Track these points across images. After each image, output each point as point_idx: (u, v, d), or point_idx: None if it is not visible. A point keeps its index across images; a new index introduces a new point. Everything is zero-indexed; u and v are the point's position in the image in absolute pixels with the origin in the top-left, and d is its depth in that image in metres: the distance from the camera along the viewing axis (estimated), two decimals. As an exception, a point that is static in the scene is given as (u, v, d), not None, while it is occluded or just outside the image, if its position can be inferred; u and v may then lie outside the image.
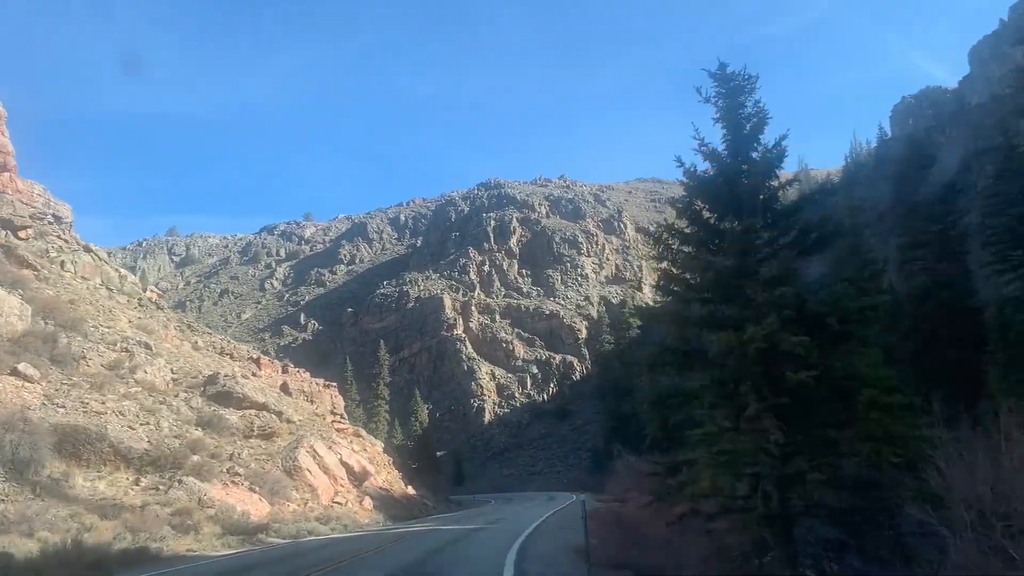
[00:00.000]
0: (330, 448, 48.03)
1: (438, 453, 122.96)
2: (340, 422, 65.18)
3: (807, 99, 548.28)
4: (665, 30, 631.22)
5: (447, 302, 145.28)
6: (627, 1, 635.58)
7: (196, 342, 65.01)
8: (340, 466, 46.95)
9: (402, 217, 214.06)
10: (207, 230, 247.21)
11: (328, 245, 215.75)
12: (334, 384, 79.67)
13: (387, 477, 56.83)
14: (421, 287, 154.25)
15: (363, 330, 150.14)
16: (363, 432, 68.77)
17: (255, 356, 73.06)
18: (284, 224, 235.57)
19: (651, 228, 23.42)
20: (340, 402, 74.98)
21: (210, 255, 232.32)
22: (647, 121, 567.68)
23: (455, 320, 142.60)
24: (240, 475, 36.27)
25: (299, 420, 51.69)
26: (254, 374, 59.87)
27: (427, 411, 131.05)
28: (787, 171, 14.95)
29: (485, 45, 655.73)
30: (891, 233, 49.19)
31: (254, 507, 33.40)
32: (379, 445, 70.41)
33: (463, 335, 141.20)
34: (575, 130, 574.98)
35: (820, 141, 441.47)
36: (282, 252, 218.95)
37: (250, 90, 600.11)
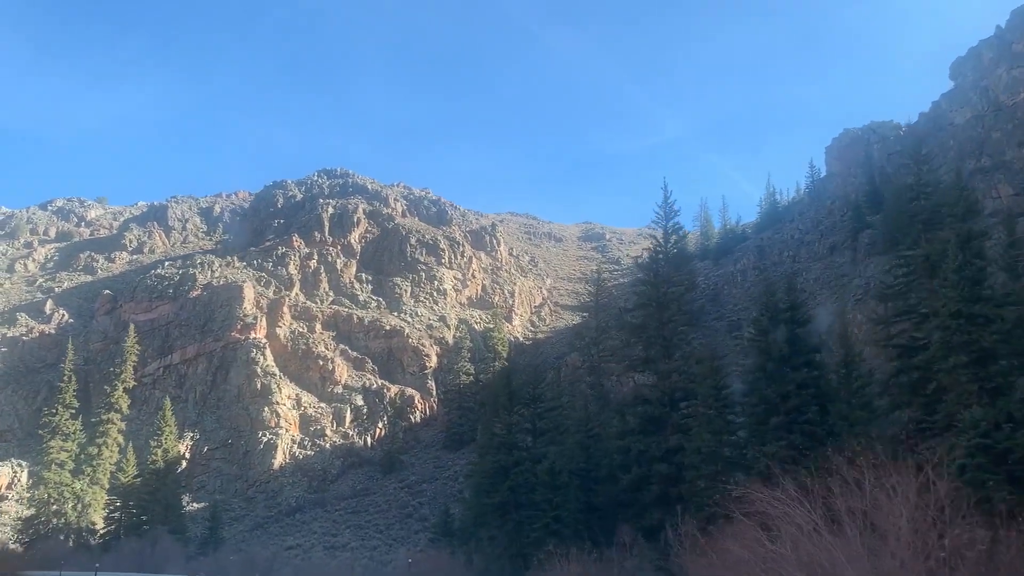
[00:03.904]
0: None
1: (187, 504, 79.99)
2: None
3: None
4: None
5: (248, 294, 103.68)
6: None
7: None
8: None
9: (217, 208, 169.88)
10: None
11: (114, 231, 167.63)
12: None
13: None
14: (216, 273, 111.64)
15: (121, 321, 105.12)
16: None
17: None
18: (64, 200, 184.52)
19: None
20: None
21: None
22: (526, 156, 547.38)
23: (256, 319, 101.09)
24: None
25: None
26: None
27: (191, 440, 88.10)
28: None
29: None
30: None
31: None
32: None
33: (263, 340, 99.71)
34: (449, 153, 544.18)
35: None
36: (52, 232, 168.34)
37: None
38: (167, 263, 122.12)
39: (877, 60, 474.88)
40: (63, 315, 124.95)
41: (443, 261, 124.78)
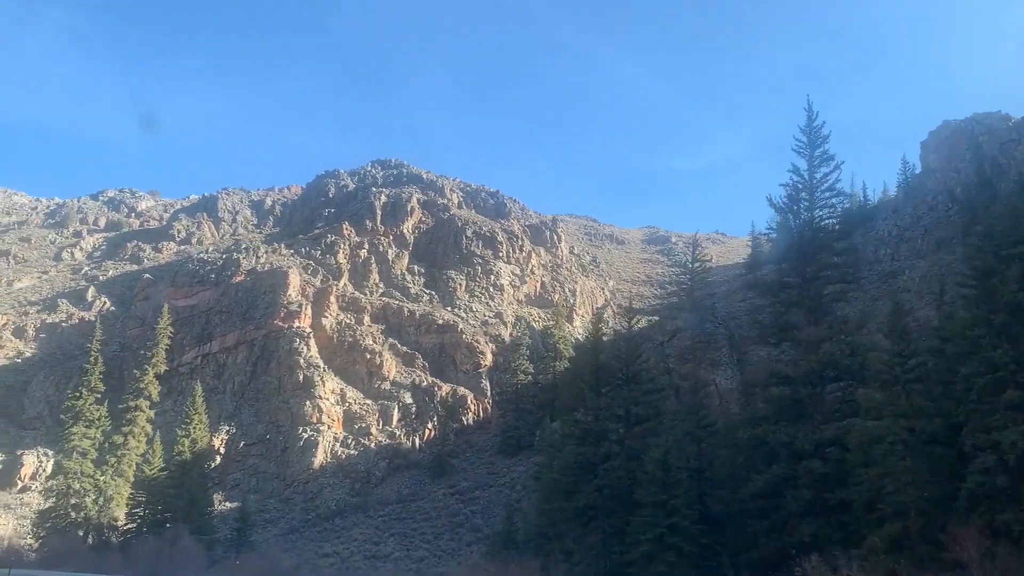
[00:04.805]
0: None
1: (220, 503, 72.54)
2: None
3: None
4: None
5: (293, 280, 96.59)
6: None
7: None
8: None
9: (268, 201, 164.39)
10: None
11: (163, 222, 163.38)
12: None
13: None
14: (261, 259, 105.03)
15: (160, 306, 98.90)
16: None
17: None
18: (115, 191, 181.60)
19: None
20: None
21: (8, 214, 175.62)
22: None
23: (301, 307, 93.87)
24: None
25: None
26: None
27: (226, 433, 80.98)
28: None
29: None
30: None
31: None
32: None
33: (308, 330, 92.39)
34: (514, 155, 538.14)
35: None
36: (101, 222, 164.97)
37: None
38: (211, 248, 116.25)
39: (937, 64, 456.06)
40: (104, 302, 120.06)
41: (500, 255, 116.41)
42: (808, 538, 24.89)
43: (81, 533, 65.77)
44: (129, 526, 66.07)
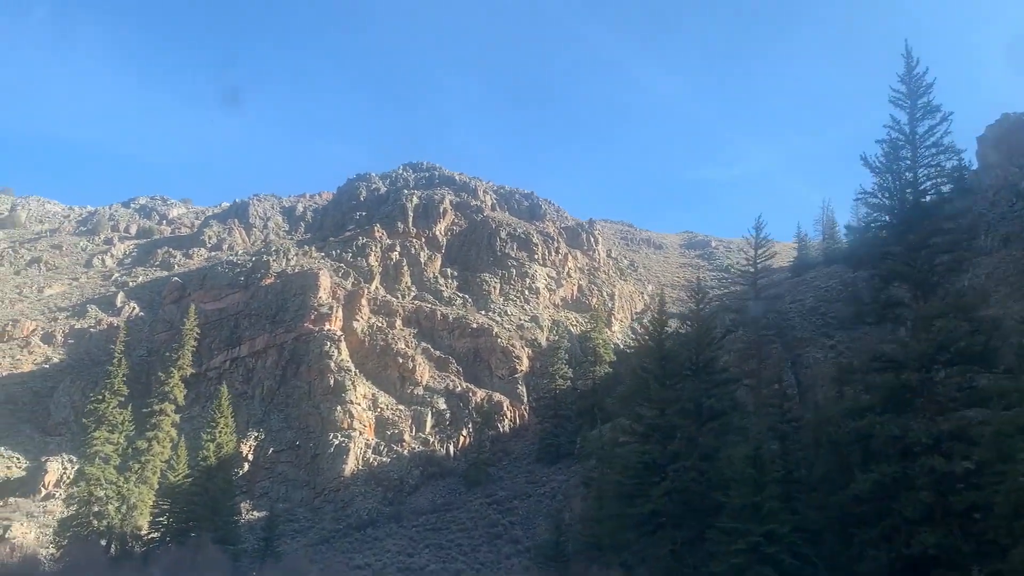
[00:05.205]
0: None
1: (247, 513, 69.35)
2: None
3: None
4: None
5: (324, 282, 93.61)
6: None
7: None
8: None
9: (300, 207, 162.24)
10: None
11: (195, 229, 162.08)
12: None
13: None
14: (291, 261, 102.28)
15: (186, 310, 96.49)
16: None
17: None
18: (146, 199, 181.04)
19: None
20: None
21: (41, 222, 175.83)
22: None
23: (331, 310, 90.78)
24: None
25: None
26: None
27: (255, 440, 77.98)
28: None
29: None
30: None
31: None
32: None
33: (339, 333, 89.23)
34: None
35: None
36: (132, 229, 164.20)
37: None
38: (241, 252, 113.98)
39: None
40: (133, 308, 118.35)
41: (536, 257, 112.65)
42: (933, 549, 20.68)
43: (104, 542, 62.80)
44: (152, 535, 62.94)
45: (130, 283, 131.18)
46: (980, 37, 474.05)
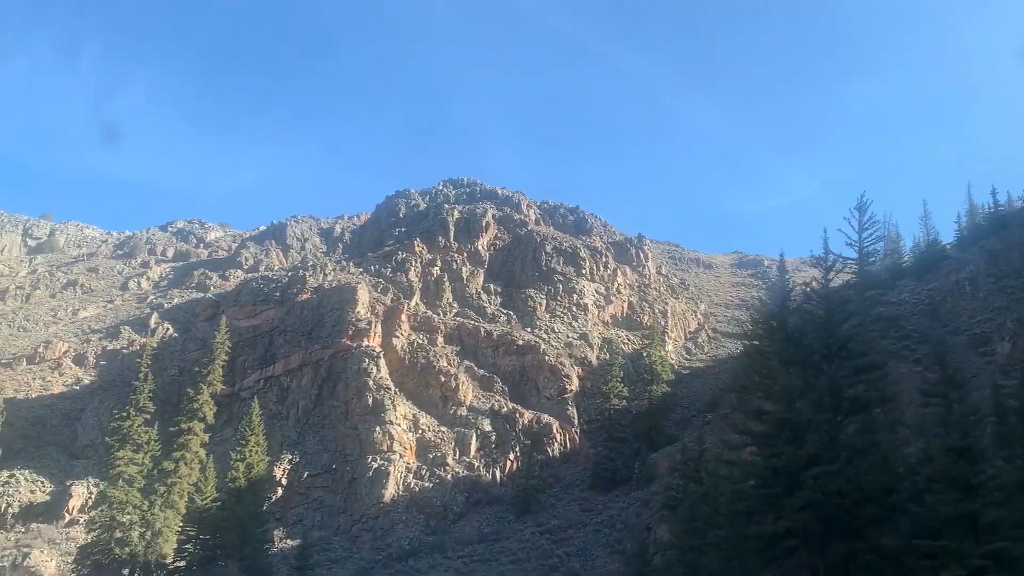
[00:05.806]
0: None
1: (280, 541, 63.88)
2: None
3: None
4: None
5: (362, 296, 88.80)
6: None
7: None
8: None
9: (337, 229, 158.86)
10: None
11: (232, 252, 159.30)
12: None
13: None
14: (329, 276, 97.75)
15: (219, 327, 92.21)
16: None
17: None
18: (184, 222, 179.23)
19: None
20: None
21: (79, 246, 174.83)
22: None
23: (370, 325, 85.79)
24: None
25: None
26: None
27: (288, 463, 72.77)
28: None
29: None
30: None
31: None
32: None
33: (377, 350, 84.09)
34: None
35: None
36: (170, 252, 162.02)
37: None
38: (277, 267, 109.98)
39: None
40: (167, 329, 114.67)
41: (583, 272, 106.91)
42: None
43: (126, 572, 57.80)
44: (178, 563, 57.77)
45: (165, 305, 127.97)
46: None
